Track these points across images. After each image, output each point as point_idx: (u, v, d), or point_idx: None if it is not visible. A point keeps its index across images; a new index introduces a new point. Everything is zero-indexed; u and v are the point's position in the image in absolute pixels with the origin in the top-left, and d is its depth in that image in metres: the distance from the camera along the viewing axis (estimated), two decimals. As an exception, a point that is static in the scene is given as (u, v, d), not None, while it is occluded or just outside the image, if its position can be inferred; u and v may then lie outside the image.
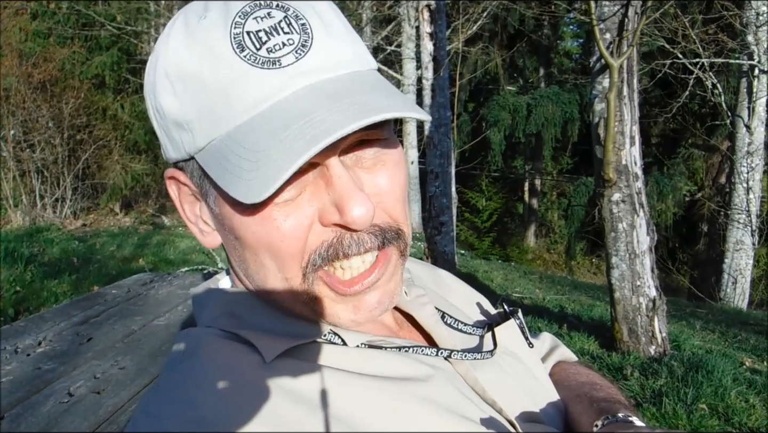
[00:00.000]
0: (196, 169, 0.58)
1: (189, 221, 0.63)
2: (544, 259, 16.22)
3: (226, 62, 0.51)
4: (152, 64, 0.57)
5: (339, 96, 0.52)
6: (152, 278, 3.41)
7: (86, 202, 11.62)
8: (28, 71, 10.41)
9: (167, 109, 0.55)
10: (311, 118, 0.50)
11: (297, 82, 0.52)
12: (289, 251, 0.55)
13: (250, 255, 0.57)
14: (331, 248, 0.56)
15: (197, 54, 0.53)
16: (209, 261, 7.79)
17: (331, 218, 0.54)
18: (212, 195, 0.58)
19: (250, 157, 0.50)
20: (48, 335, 2.35)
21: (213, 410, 0.50)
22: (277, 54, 0.52)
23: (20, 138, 10.39)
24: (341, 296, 0.58)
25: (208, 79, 0.52)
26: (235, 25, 0.52)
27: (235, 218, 0.56)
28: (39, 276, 6.31)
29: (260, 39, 0.52)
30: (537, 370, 0.79)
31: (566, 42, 19.86)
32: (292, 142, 0.49)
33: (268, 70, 0.52)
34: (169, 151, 0.59)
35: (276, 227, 0.54)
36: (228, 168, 0.51)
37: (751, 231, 9.17)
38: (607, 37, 3.88)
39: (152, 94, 0.57)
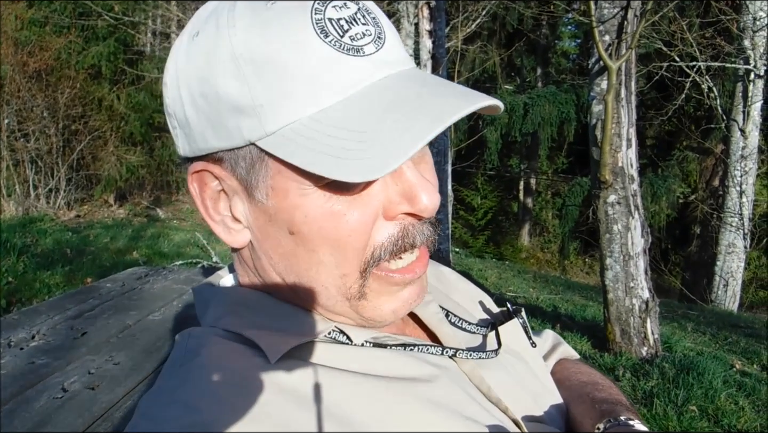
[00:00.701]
0: (248, 158, 0.56)
1: (212, 219, 0.61)
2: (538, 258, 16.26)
3: (311, 47, 0.52)
4: (200, 50, 0.55)
5: (432, 84, 0.55)
6: (147, 272, 3.40)
7: (80, 193, 11.56)
8: (23, 60, 10.33)
9: (227, 94, 0.53)
10: (420, 102, 0.52)
11: (382, 70, 0.54)
12: (354, 245, 0.55)
13: (305, 251, 0.56)
14: (398, 242, 0.57)
15: (275, 38, 0.52)
16: (203, 254, 7.77)
17: (399, 208, 0.56)
18: (265, 186, 0.56)
19: (355, 138, 0.50)
20: (42, 328, 2.34)
21: (215, 414, 0.50)
22: (360, 42, 0.53)
23: (14, 127, 10.32)
24: (389, 286, 0.59)
25: (289, 62, 0.51)
26: (315, 11, 0.53)
27: (297, 212, 0.55)
28: (32, 267, 6.28)
29: (342, 27, 0.53)
30: (540, 370, 0.79)
31: (564, 42, 19.87)
32: (409, 123, 0.50)
33: (353, 56, 0.53)
34: (208, 141, 0.57)
35: (346, 220, 0.54)
36: (320, 150, 0.51)
37: (743, 234, 9.21)
38: (606, 39, 3.89)
39: (199, 80, 0.55)
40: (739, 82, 9.11)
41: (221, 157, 0.57)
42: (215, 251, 7.64)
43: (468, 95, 0.54)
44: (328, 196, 0.54)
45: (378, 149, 0.49)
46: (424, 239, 0.59)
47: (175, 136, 0.61)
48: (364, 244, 0.56)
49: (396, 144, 0.49)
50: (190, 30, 0.57)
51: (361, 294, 0.58)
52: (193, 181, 0.60)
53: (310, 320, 0.60)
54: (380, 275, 0.58)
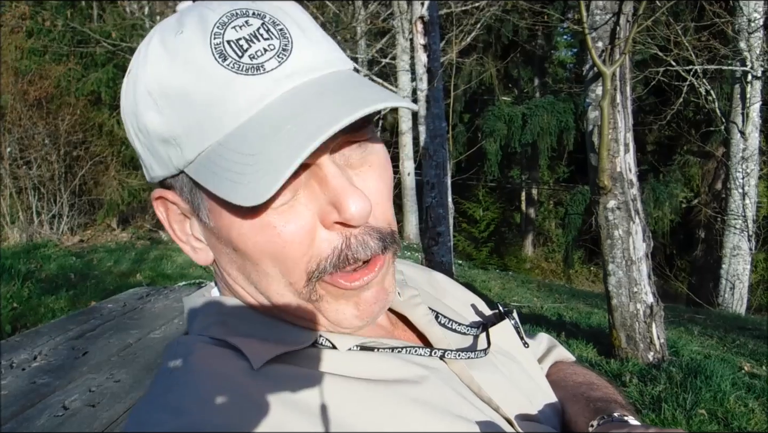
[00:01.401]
0: (186, 183, 0.57)
1: (180, 240, 0.63)
2: (542, 268, 16.22)
3: (210, 72, 0.52)
4: (130, 86, 0.57)
5: (326, 93, 0.53)
6: (148, 292, 3.41)
7: (83, 218, 11.61)
8: (23, 89, 10.43)
9: (152, 127, 0.55)
10: (304, 116, 0.50)
11: (282, 86, 0.53)
12: (292, 255, 0.55)
13: (250, 265, 0.57)
14: (341, 255, 0.56)
15: (179, 68, 0.53)
16: (207, 275, 7.77)
17: (330, 216, 0.54)
18: (204, 208, 0.57)
19: (246, 161, 0.50)
20: (43, 349, 2.34)
21: (202, 418, 0.50)
22: (260, 60, 0.52)
23: (16, 155, 10.39)
24: (342, 290, 0.58)
25: (192, 91, 0.52)
26: (214, 36, 0.53)
27: (233, 229, 0.55)
28: (36, 292, 6.28)
29: (241, 47, 0.52)
30: (533, 370, 0.79)
31: (560, 52, 19.97)
32: (288, 141, 0.49)
33: (253, 76, 0.52)
34: (154, 170, 0.59)
35: (277, 233, 0.54)
36: (223, 175, 0.51)
37: (747, 236, 9.18)
38: (599, 45, 3.91)
39: (133, 116, 0.57)
40: (737, 84, 9.13)
41: (171, 183, 0.59)
42: (218, 271, 7.62)
43: (356, 101, 0.51)
44: (258, 211, 0.54)
45: (262, 172, 0.49)
46: (370, 253, 0.56)
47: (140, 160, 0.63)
48: (302, 253, 0.55)
49: (276, 165, 0.49)
50: (128, 68, 0.59)
51: (318, 297, 0.58)
52: (159, 205, 0.62)
53: (297, 330, 0.60)
54: (328, 282, 0.57)
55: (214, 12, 0.54)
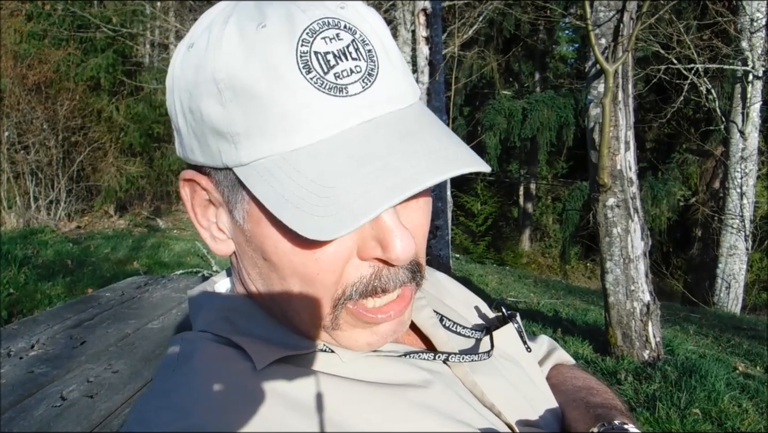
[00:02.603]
0: (228, 180, 0.55)
1: (200, 225, 0.60)
2: (539, 263, 16.24)
3: (291, 83, 0.49)
4: (190, 62, 0.53)
5: (409, 138, 0.51)
6: (146, 281, 3.40)
7: (81, 204, 11.58)
8: (22, 73, 10.37)
9: (208, 115, 0.52)
10: (388, 161, 0.49)
11: (361, 114, 0.51)
12: (324, 283, 0.54)
13: (278, 278, 0.56)
14: (369, 284, 0.55)
15: (257, 67, 0.49)
16: (204, 264, 7.77)
17: (372, 252, 0.53)
18: (242, 210, 0.55)
19: (317, 192, 0.48)
20: (41, 338, 2.34)
21: (206, 418, 0.50)
22: (345, 81, 0.50)
23: (14, 140, 10.35)
24: (366, 323, 0.57)
25: (266, 96, 0.49)
26: (302, 42, 0.50)
27: (268, 241, 0.54)
28: (33, 278, 6.28)
29: (328, 62, 0.50)
30: (535, 374, 0.79)
31: (562, 47, 19.92)
32: (370, 186, 0.48)
33: (334, 97, 0.50)
34: (194, 154, 0.56)
35: (315, 258, 0.53)
36: (284, 195, 0.49)
37: (744, 236, 9.20)
38: (602, 42, 3.90)
39: (187, 93, 0.54)
40: (738, 83, 9.12)
41: (209, 171, 0.57)
42: (215, 260, 7.63)
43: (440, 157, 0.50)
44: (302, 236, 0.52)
45: (334, 210, 0.47)
46: (398, 284, 0.56)
47: (174, 135, 0.61)
48: (333, 282, 0.54)
49: (350, 209, 0.47)
50: (188, 40, 0.56)
51: (335, 325, 0.57)
52: (185, 186, 0.60)
53: (302, 336, 0.60)
54: (354, 310, 0.56)
55: (305, 14, 0.51)
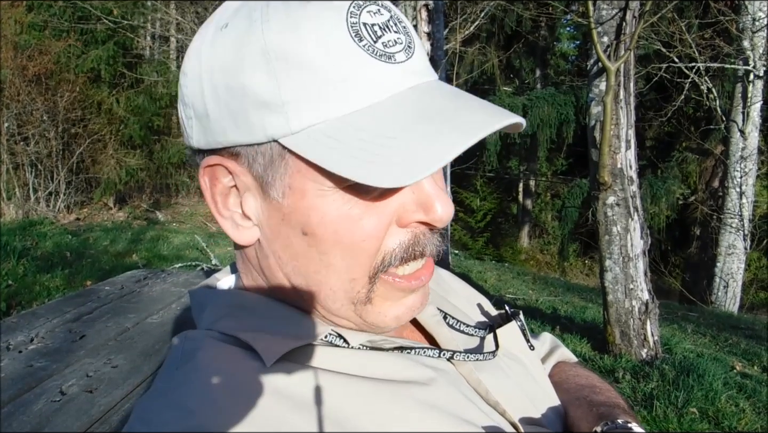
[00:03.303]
0: (267, 155, 0.55)
1: (221, 215, 0.60)
2: (537, 260, 16.24)
3: (344, 50, 0.52)
4: (230, 42, 0.54)
5: (460, 97, 0.56)
6: (146, 275, 3.39)
7: (80, 196, 11.58)
8: (23, 64, 10.35)
9: (253, 89, 0.52)
10: (449, 114, 0.53)
11: (409, 80, 0.55)
12: (367, 250, 0.56)
13: (317, 253, 0.56)
14: (409, 249, 0.57)
15: (308, 37, 0.52)
16: (203, 257, 7.77)
17: (413, 217, 0.57)
18: (282, 185, 0.55)
19: (387, 144, 0.51)
20: (40, 331, 2.34)
21: (209, 418, 0.50)
22: (392, 50, 0.54)
23: (14, 131, 10.34)
24: (396, 291, 0.59)
25: (321, 63, 0.51)
26: (350, 14, 0.53)
27: (313, 213, 0.55)
28: (32, 270, 6.28)
29: (375, 32, 0.53)
30: (538, 373, 0.79)
31: (563, 44, 19.87)
32: (441, 133, 0.51)
33: (385, 63, 0.53)
34: (227, 136, 0.55)
35: (361, 225, 0.55)
36: (350, 153, 0.51)
37: (743, 235, 9.21)
38: (604, 40, 3.89)
39: (224, 72, 0.54)
40: (739, 83, 9.11)
41: (238, 152, 0.56)
42: (214, 254, 7.64)
43: (495, 112, 0.54)
44: (347, 199, 0.54)
45: (408, 157, 0.50)
46: (434, 249, 0.59)
47: (189, 127, 0.59)
48: (376, 249, 0.56)
49: (426, 154, 0.50)
50: (217, 21, 0.56)
51: (368, 299, 0.58)
52: (205, 174, 0.59)
53: (308, 323, 0.60)
54: (388, 281, 0.58)
55: None
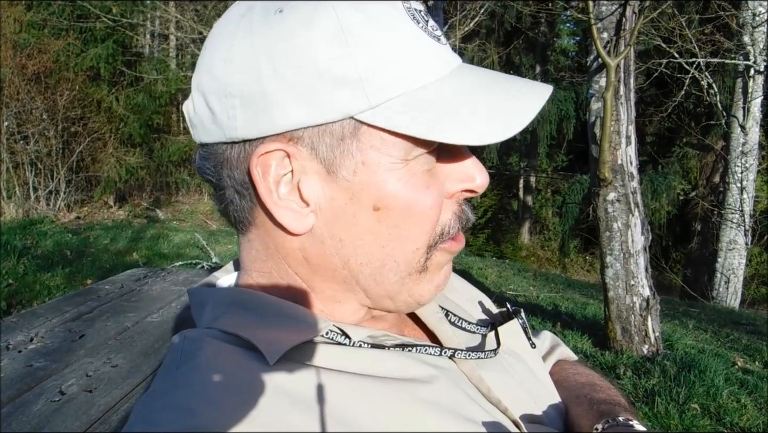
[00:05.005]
0: (335, 133, 0.55)
1: (276, 204, 0.57)
2: (538, 256, 16.26)
3: (408, 29, 0.55)
4: (298, 22, 0.54)
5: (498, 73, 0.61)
6: (146, 274, 3.39)
7: (80, 194, 11.58)
8: (22, 62, 10.34)
9: (330, 67, 0.53)
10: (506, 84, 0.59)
11: (456, 59, 0.60)
12: (432, 218, 0.59)
13: (386, 227, 0.57)
14: (461, 218, 0.62)
15: (376, 17, 0.54)
16: (203, 255, 7.77)
17: (458, 186, 0.61)
18: (353, 163, 0.55)
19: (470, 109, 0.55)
20: (40, 331, 2.33)
21: (210, 418, 0.49)
22: (437, 33, 0.59)
23: (14, 130, 10.33)
24: (447, 255, 0.63)
25: (391, 39, 0.54)
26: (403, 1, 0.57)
27: (388, 186, 0.56)
28: (32, 269, 6.28)
29: (423, 17, 0.58)
30: (539, 371, 0.79)
31: (563, 40, 19.87)
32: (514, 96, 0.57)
33: (438, 43, 0.58)
34: (292, 117, 0.54)
35: (429, 194, 0.58)
36: (440, 118, 0.54)
37: (744, 231, 9.20)
38: (604, 36, 3.88)
39: (290, 52, 0.53)
40: (739, 78, 9.10)
41: (300, 135, 0.55)
42: (215, 252, 7.64)
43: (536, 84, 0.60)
44: (413, 171, 0.57)
45: (495, 115, 0.55)
46: (474, 216, 0.65)
47: (230, 117, 0.56)
48: (437, 218, 0.59)
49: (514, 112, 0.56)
50: (265, 7, 0.56)
51: (424, 267, 0.61)
52: (259, 163, 0.56)
53: (309, 319, 0.59)
54: (442, 247, 0.61)
55: None
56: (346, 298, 0.62)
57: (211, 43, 0.59)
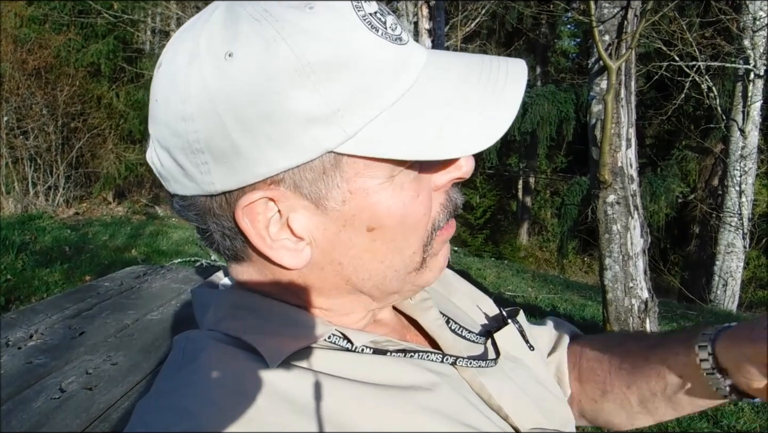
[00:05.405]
0: (315, 169, 0.53)
1: (271, 248, 0.56)
2: (537, 257, 16.27)
3: (367, 43, 0.52)
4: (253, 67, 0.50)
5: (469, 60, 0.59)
6: (145, 271, 3.39)
7: (79, 190, 11.55)
8: (22, 57, 10.31)
9: (299, 107, 0.50)
10: (481, 79, 0.57)
11: (420, 56, 0.57)
12: (425, 222, 0.59)
13: (382, 243, 0.58)
14: (448, 207, 0.62)
15: (331, 40, 0.51)
16: (202, 252, 7.76)
17: (446, 177, 0.60)
18: (339, 192, 0.54)
19: (448, 118, 0.54)
20: (40, 327, 2.33)
21: (211, 421, 0.49)
22: (396, 32, 0.55)
23: (13, 125, 10.31)
24: (442, 242, 0.63)
25: (353, 61, 0.51)
26: (357, 8, 0.53)
27: (380, 207, 0.55)
28: (30, 265, 6.27)
29: (380, 19, 0.55)
30: (540, 373, 0.78)
31: (563, 41, 19.87)
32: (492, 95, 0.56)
33: (399, 46, 0.55)
34: (272, 163, 0.52)
35: (419, 202, 0.58)
36: (416, 135, 0.53)
37: (742, 234, 9.21)
38: (606, 38, 3.88)
39: (256, 101, 0.50)
40: (739, 81, 9.11)
41: (281, 178, 0.53)
42: (214, 250, 7.61)
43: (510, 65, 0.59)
44: (401, 183, 0.56)
45: (477, 122, 0.54)
46: (462, 199, 0.64)
47: (203, 173, 0.54)
48: (428, 216, 0.59)
49: (491, 115, 0.54)
50: (211, 52, 0.51)
51: (423, 262, 0.61)
52: (244, 216, 0.55)
53: (311, 324, 0.59)
54: (436, 238, 0.62)
55: None
56: (352, 308, 0.63)
57: (162, 94, 0.54)
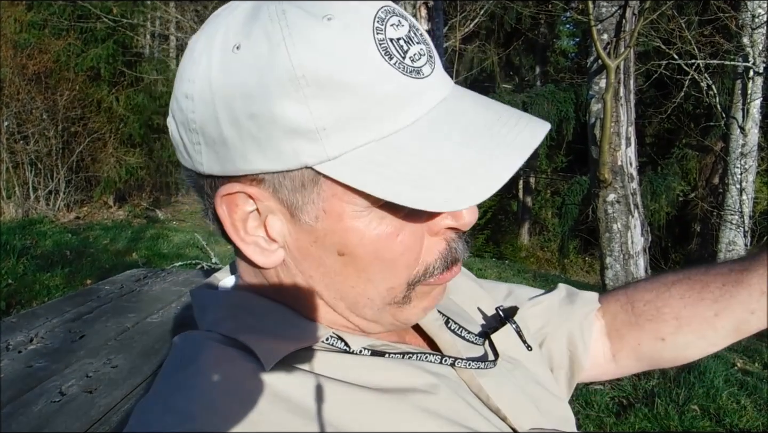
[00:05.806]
0: (297, 181, 0.53)
1: (243, 241, 0.57)
2: (538, 257, 16.24)
3: (377, 69, 0.50)
4: (247, 66, 0.50)
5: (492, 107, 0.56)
6: (146, 274, 3.39)
7: (80, 194, 11.57)
8: (22, 62, 10.34)
9: (283, 116, 0.49)
10: (492, 131, 0.53)
11: (439, 92, 0.54)
12: (406, 262, 0.56)
13: (354, 271, 0.56)
14: (447, 257, 0.59)
15: (338, 58, 0.49)
16: (203, 255, 7.77)
17: (443, 223, 0.57)
18: (315, 209, 0.54)
19: (431, 167, 0.51)
20: (40, 331, 2.33)
21: (209, 422, 0.49)
22: (418, 64, 0.53)
23: (14, 129, 10.33)
24: (430, 288, 0.60)
25: (354, 85, 0.49)
26: (377, 30, 0.51)
27: (352, 235, 0.54)
28: (31, 269, 6.28)
29: (401, 48, 0.52)
30: (538, 372, 0.78)
31: (563, 41, 19.87)
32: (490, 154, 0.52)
33: (415, 79, 0.52)
34: (251, 163, 0.52)
35: (399, 240, 0.55)
36: (396, 177, 0.50)
37: (743, 232, 9.20)
38: (604, 37, 3.89)
39: (245, 99, 0.50)
40: (739, 79, 9.10)
41: (262, 178, 0.54)
42: (214, 252, 7.63)
43: (531, 121, 0.55)
44: (382, 217, 0.54)
45: (460, 181, 0.51)
46: (466, 253, 0.61)
47: (195, 152, 0.55)
48: (414, 260, 0.57)
49: (479, 177, 0.51)
50: (225, 41, 0.52)
51: (406, 300, 0.59)
52: (223, 203, 0.56)
53: (310, 326, 0.59)
54: (426, 282, 0.59)
55: (366, 4, 0.52)
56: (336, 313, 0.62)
57: (181, 68, 0.56)
